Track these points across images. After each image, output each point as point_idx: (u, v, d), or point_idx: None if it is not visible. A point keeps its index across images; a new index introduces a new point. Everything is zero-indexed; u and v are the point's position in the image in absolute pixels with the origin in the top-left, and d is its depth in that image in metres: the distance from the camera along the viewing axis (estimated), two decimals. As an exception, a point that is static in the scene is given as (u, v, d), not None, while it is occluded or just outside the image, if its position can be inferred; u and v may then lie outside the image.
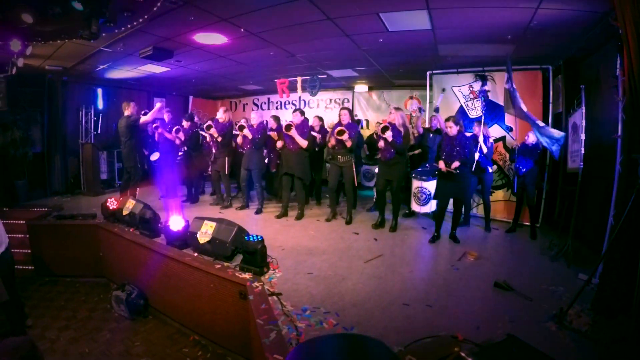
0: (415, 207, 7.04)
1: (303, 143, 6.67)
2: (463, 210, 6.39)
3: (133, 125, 7.41)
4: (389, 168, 6.20)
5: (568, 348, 3.00)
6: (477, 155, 6.09)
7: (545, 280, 4.37)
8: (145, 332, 5.05)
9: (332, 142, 6.43)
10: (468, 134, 6.21)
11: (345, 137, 6.19)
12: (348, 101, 11.69)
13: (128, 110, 7.41)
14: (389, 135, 5.82)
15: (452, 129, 5.66)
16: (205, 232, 4.88)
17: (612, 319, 3.29)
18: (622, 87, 3.89)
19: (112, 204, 6.51)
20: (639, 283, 2.88)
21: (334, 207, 7.06)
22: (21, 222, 6.67)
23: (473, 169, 6.06)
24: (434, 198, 6.39)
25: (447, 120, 5.81)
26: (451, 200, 6.04)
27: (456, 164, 5.50)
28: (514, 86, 5.81)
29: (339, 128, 6.26)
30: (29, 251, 6.62)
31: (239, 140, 7.23)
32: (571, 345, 3.04)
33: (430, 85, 8.14)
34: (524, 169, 6.03)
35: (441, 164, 5.62)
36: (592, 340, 3.07)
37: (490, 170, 6.57)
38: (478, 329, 3.26)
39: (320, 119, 8.38)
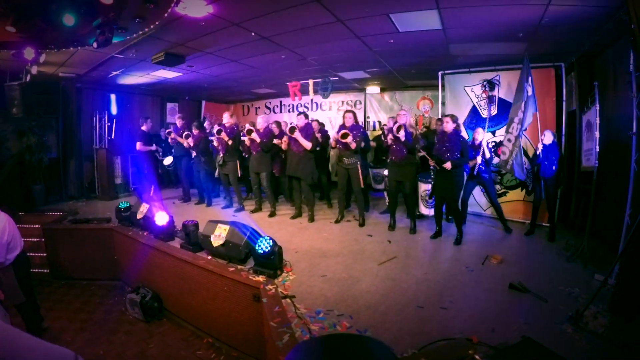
0: (424, 210, 7.04)
1: (307, 145, 6.69)
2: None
3: None
4: (400, 169, 6.17)
5: (584, 350, 2.97)
6: (479, 159, 6.17)
7: (561, 281, 4.31)
8: (159, 334, 5.10)
9: (333, 144, 6.54)
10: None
11: (349, 139, 6.20)
12: (360, 103, 11.66)
13: (145, 126, 8.76)
14: (402, 135, 5.81)
15: (449, 124, 5.68)
16: (219, 235, 4.89)
17: (630, 321, 3.23)
18: (636, 83, 3.84)
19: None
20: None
21: (341, 209, 7.06)
22: (37, 226, 6.78)
23: (475, 173, 6.28)
24: (429, 197, 6.46)
25: (445, 115, 5.89)
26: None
27: (448, 165, 5.55)
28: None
29: (343, 131, 6.27)
30: (45, 255, 6.72)
31: (247, 143, 7.25)
32: (587, 347, 3.00)
33: (443, 86, 8.10)
34: (549, 173, 5.83)
35: (448, 165, 5.62)
36: (609, 342, 3.03)
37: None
38: (493, 331, 3.24)
39: (319, 122, 8.47)
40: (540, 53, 6.45)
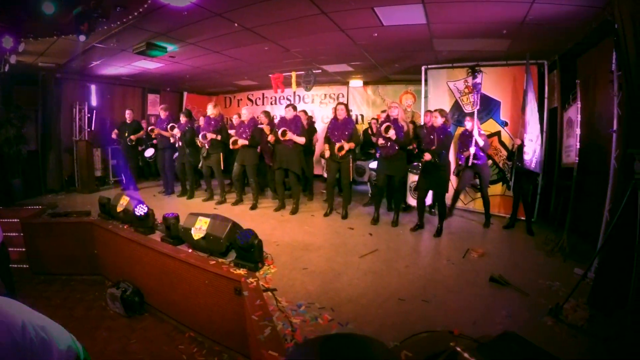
0: (412, 201, 7.09)
1: (301, 141, 6.68)
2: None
3: None
4: (390, 164, 6.16)
5: (565, 343, 3.01)
6: (472, 150, 6.17)
7: (542, 275, 4.37)
8: (141, 329, 5.03)
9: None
10: (461, 129, 6.39)
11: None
12: (343, 96, 11.62)
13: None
14: (392, 134, 5.80)
15: (438, 119, 5.73)
16: (200, 228, 4.84)
17: (609, 314, 3.29)
18: (618, 83, 3.89)
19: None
20: (634, 278, 2.87)
21: (331, 202, 7.05)
22: (15, 220, 6.62)
23: (470, 163, 6.27)
24: (414, 189, 6.46)
25: (434, 110, 5.90)
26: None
27: (427, 156, 5.62)
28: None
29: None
30: (24, 249, 6.58)
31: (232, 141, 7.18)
32: (568, 340, 3.05)
33: (426, 80, 8.12)
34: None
35: (427, 156, 5.67)
36: (589, 335, 3.07)
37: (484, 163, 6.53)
38: (474, 324, 3.26)
39: (306, 113, 8.47)
40: (523, 50, 6.50)
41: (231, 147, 7.20)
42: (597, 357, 2.87)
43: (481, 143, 6.26)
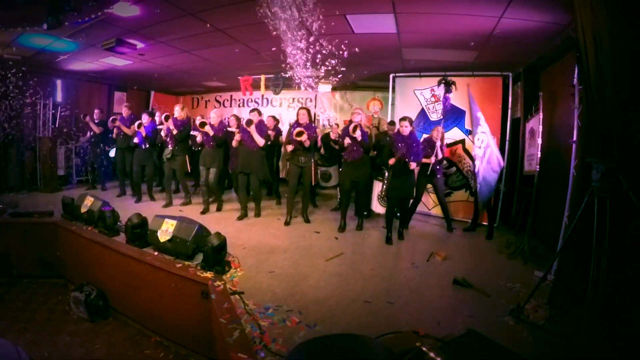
0: (380, 208, 7.11)
1: (260, 141, 6.60)
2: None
3: None
4: (356, 169, 6.16)
5: (526, 341, 3.13)
6: (432, 159, 6.26)
7: (503, 277, 4.51)
8: (105, 334, 4.92)
9: (290, 147, 6.38)
10: (426, 135, 6.65)
11: (304, 137, 6.12)
12: (311, 101, 11.65)
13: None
14: (358, 134, 5.83)
15: (407, 129, 5.78)
16: (166, 231, 4.79)
17: (567, 313, 3.43)
18: (579, 96, 4.08)
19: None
20: (591, 279, 3.01)
21: (290, 208, 6.80)
22: (-26, 220, 6.38)
23: (428, 173, 6.35)
24: (386, 197, 6.50)
25: (402, 119, 5.95)
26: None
27: (413, 165, 5.62)
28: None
29: (298, 129, 6.20)
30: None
31: (199, 139, 7.06)
32: (529, 338, 3.17)
33: (393, 88, 8.25)
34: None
35: (392, 161, 5.71)
36: (549, 333, 3.21)
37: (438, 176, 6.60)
38: (439, 324, 3.35)
39: (275, 118, 8.50)
40: (489, 62, 6.71)
41: (198, 130, 7.04)
42: (557, 353, 2.99)
43: (440, 155, 6.37)
